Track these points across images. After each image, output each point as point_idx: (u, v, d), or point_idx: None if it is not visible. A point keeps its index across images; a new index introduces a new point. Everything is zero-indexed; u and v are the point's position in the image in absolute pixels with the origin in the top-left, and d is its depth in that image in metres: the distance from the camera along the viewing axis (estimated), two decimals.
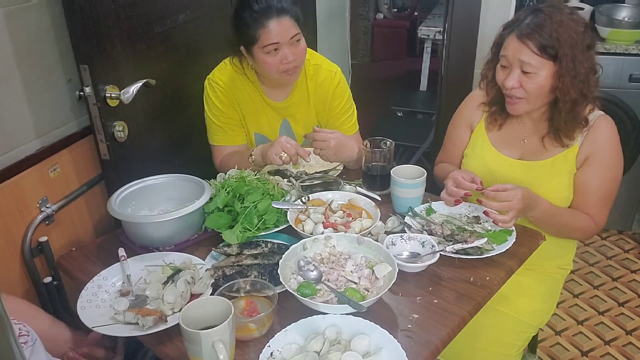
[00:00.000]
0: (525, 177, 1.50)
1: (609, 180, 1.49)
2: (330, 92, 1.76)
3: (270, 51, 1.55)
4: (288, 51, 1.56)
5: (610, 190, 1.50)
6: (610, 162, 1.48)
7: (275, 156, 1.52)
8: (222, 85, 1.70)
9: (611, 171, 1.48)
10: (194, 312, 1.03)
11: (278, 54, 1.56)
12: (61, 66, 1.52)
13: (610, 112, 2.55)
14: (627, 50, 2.46)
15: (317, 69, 1.75)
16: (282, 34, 1.54)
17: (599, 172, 1.47)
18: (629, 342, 2.21)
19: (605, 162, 1.47)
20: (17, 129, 1.42)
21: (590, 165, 1.47)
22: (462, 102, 1.69)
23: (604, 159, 1.46)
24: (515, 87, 1.41)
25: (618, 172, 1.51)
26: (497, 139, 1.59)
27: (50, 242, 1.50)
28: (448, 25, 2.23)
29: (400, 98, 3.70)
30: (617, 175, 1.51)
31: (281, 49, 1.55)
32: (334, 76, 1.76)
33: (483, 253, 1.29)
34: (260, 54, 1.57)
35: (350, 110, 1.82)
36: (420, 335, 1.10)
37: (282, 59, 1.56)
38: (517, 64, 1.39)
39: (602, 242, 2.83)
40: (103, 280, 1.26)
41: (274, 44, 1.54)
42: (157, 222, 1.36)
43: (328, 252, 1.27)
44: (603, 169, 1.47)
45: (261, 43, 1.55)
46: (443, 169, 1.70)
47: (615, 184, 1.50)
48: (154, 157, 1.76)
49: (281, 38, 1.54)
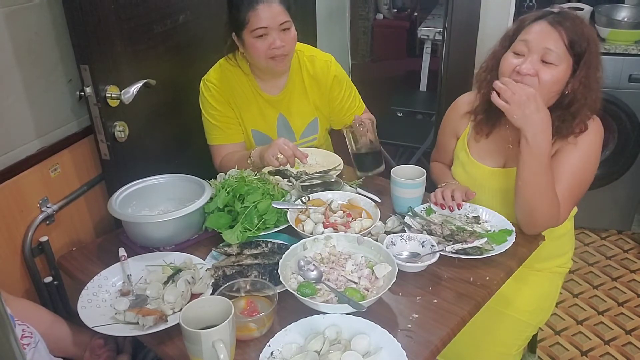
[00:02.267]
0: (506, 184, 1.47)
1: (580, 173, 1.39)
2: (329, 82, 1.78)
3: (260, 36, 1.57)
4: (277, 37, 1.58)
5: (579, 184, 1.40)
6: (585, 156, 1.39)
7: (272, 157, 1.53)
8: (217, 84, 1.71)
9: (584, 162, 1.39)
10: (194, 311, 1.03)
11: (267, 40, 1.58)
12: (61, 66, 1.52)
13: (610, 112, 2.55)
14: (626, 51, 2.46)
15: (312, 60, 1.77)
16: (271, 18, 1.56)
17: (572, 157, 1.38)
18: (628, 341, 2.21)
19: (580, 150, 1.38)
20: (17, 129, 1.42)
21: (563, 150, 1.39)
22: (448, 109, 1.66)
23: (579, 146, 1.38)
24: (530, 74, 1.31)
25: (590, 170, 1.41)
26: (479, 150, 1.54)
27: (51, 242, 1.50)
28: (448, 26, 2.23)
29: (400, 98, 3.70)
30: (589, 169, 1.41)
31: (270, 34, 1.57)
32: (329, 65, 1.78)
33: (483, 253, 1.29)
34: (249, 38, 1.59)
35: (353, 94, 1.85)
36: (420, 335, 1.10)
37: (271, 44, 1.58)
38: (540, 51, 1.31)
39: (602, 242, 2.83)
40: (103, 280, 1.26)
41: (262, 28, 1.56)
42: (157, 222, 1.36)
43: (328, 252, 1.28)
44: (576, 155, 1.38)
45: (250, 26, 1.57)
46: (438, 169, 1.71)
47: (585, 180, 1.41)
48: (154, 157, 1.76)
49: (270, 23, 1.56)
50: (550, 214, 1.37)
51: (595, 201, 2.75)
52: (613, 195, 2.75)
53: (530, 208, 1.36)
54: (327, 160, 1.76)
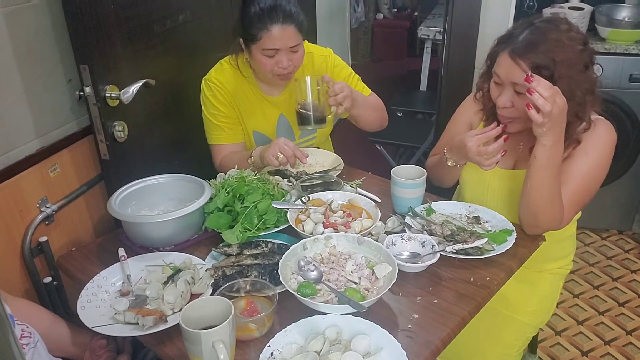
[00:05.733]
0: (514, 186, 1.45)
1: (588, 179, 1.38)
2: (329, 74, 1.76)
3: (269, 55, 1.57)
4: (285, 57, 1.57)
5: (585, 190, 1.39)
6: (593, 157, 1.36)
7: (272, 157, 1.52)
8: (219, 84, 1.70)
9: (592, 168, 1.37)
10: (194, 312, 1.03)
11: (275, 58, 1.57)
12: (61, 66, 1.52)
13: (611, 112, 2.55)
14: (627, 50, 2.46)
15: (311, 57, 1.76)
16: (283, 41, 1.54)
17: (582, 162, 1.36)
18: (629, 342, 2.21)
19: (589, 155, 1.36)
20: (17, 129, 1.42)
21: (574, 155, 1.37)
22: (465, 100, 1.63)
23: (589, 152, 1.36)
24: (507, 107, 1.33)
25: (598, 176, 1.39)
26: None
27: (50, 242, 1.50)
28: (448, 25, 2.23)
29: (400, 98, 3.70)
30: (597, 176, 1.39)
31: (279, 54, 1.57)
32: (328, 60, 1.77)
33: (483, 253, 1.29)
34: (258, 54, 1.58)
35: (356, 78, 1.83)
36: (421, 335, 1.10)
37: (278, 63, 1.57)
38: (509, 84, 1.31)
39: (602, 242, 2.83)
40: (103, 280, 1.26)
41: (273, 50, 1.55)
42: (157, 222, 1.36)
43: (328, 252, 1.27)
44: (585, 161, 1.36)
45: (261, 45, 1.55)
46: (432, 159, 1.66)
47: (592, 187, 1.39)
48: (154, 157, 1.76)
49: (282, 45, 1.55)
50: (554, 218, 1.36)
51: (595, 201, 2.71)
52: (614, 195, 2.75)
53: (535, 210, 1.35)
54: (327, 160, 1.76)
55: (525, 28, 1.31)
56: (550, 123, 1.21)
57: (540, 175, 1.30)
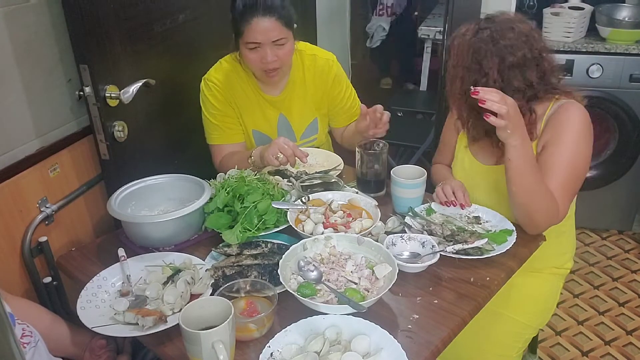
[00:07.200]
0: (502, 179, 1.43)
1: (571, 166, 1.36)
2: (330, 80, 1.78)
3: (252, 48, 1.57)
4: (269, 51, 1.56)
5: (572, 177, 1.37)
6: (570, 143, 1.36)
7: (272, 157, 1.52)
8: (218, 84, 1.70)
9: (572, 153, 1.36)
10: (194, 312, 1.03)
11: (259, 52, 1.57)
12: (61, 66, 1.52)
13: (611, 112, 2.54)
14: (627, 50, 2.46)
15: (314, 59, 1.77)
16: (264, 34, 1.53)
17: (559, 151, 1.36)
18: (629, 342, 2.21)
19: (565, 143, 1.36)
20: (17, 128, 1.42)
21: (549, 146, 1.38)
22: None
23: (564, 139, 1.36)
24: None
25: (581, 157, 1.38)
26: (476, 147, 1.55)
27: (50, 242, 1.50)
28: (448, 25, 2.23)
29: (400, 98, 3.70)
30: (580, 160, 1.38)
31: (262, 48, 1.56)
32: (331, 64, 1.78)
33: (483, 253, 1.29)
34: (243, 48, 1.59)
35: (353, 93, 1.86)
36: (421, 335, 1.10)
37: (262, 58, 1.57)
38: None
39: (603, 242, 2.83)
40: (103, 280, 1.26)
41: (254, 43, 1.55)
42: (157, 222, 1.36)
43: (328, 253, 1.27)
44: (563, 149, 1.36)
45: (244, 38, 1.56)
46: (439, 171, 1.71)
47: (576, 170, 1.38)
48: (154, 157, 1.76)
49: (263, 38, 1.54)
50: (549, 212, 1.36)
51: (595, 201, 2.75)
52: (614, 195, 2.75)
53: (529, 210, 1.35)
54: (327, 160, 1.76)
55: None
56: (511, 123, 1.24)
57: (520, 175, 1.31)
